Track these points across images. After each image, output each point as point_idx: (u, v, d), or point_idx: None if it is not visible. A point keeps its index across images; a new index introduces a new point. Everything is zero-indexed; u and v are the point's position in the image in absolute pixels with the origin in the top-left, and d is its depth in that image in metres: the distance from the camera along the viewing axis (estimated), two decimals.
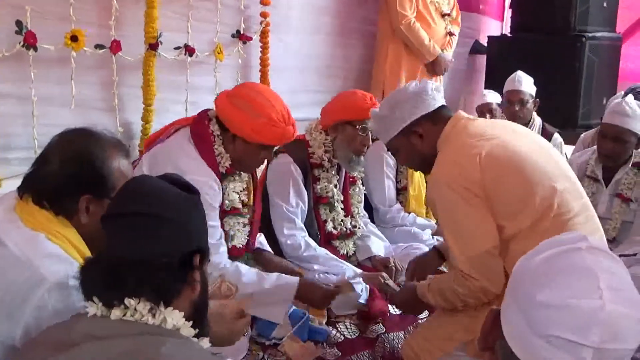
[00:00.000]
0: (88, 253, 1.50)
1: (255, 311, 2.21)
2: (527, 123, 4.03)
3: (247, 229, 2.49)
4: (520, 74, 4.11)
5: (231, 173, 2.37)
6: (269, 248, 2.75)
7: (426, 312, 2.55)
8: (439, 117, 2.12)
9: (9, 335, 1.39)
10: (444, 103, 2.18)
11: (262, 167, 2.77)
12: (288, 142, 2.45)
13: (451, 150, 2.02)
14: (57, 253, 1.45)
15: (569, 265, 1.02)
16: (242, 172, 2.47)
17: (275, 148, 2.77)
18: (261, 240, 2.75)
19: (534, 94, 4.11)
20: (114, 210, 1.28)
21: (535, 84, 4.14)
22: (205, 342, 1.26)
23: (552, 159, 2.07)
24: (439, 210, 1.99)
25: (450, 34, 4.79)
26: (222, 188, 2.34)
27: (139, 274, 1.19)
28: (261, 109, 2.26)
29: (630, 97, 3.16)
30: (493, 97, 4.47)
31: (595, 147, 3.24)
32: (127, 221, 1.23)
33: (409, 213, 3.39)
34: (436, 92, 2.16)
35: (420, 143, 2.13)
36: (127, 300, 1.18)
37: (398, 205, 3.40)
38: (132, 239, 1.22)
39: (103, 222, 1.28)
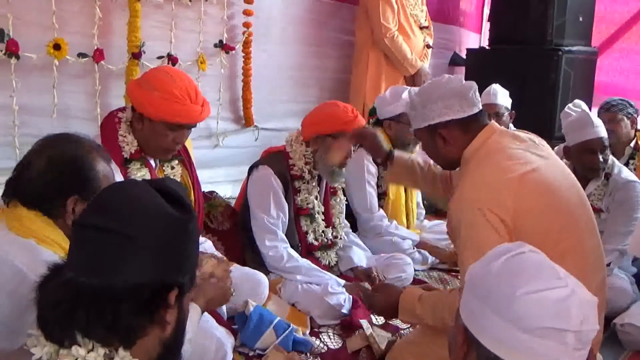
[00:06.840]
0: None
1: None
2: None
3: None
4: (495, 87, 4.12)
5: (138, 158, 2.33)
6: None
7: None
8: (470, 126, 1.98)
9: (12, 345, 1.39)
10: (481, 108, 2.03)
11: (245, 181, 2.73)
12: (198, 121, 2.31)
13: (485, 171, 1.90)
14: (51, 259, 1.45)
15: (527, 264, 1.09)
16: (173, 166, 2.45)
17: (258, 163, 2.76)
18: (207, 245, 2.63)
19: (509, 107, 4.14)
20: (86, 219, 1.08)
21: (512, 96, 4.17)
22: None
23: (574, 188, 2.00)
24: (462, 229, 1.85)
25: (428, 46, 4.85)
26: (127, 175, 2.28)
27: (97, 304, 1.00)
28: (160, 84, 2.24)
29: (582, 112, 3.17)
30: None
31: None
32: (96, 236, 1.03)
33: (391, 222, 3.41)
34: (475, 97, 2.00)
35: (444, 146, 2.00)
36: (78, 342, 1.00)
37: (381, 212, 3.41)
38: (97, 259, 1.03)
39: (72, 227, 1.12)
